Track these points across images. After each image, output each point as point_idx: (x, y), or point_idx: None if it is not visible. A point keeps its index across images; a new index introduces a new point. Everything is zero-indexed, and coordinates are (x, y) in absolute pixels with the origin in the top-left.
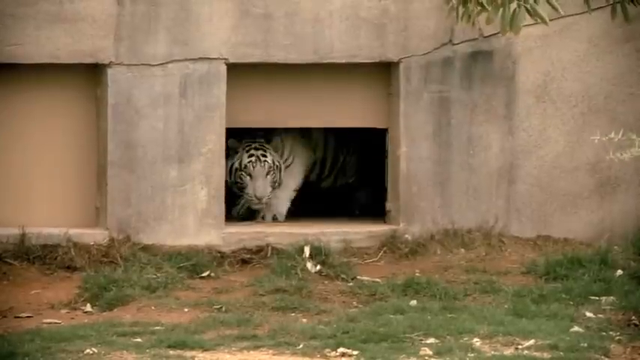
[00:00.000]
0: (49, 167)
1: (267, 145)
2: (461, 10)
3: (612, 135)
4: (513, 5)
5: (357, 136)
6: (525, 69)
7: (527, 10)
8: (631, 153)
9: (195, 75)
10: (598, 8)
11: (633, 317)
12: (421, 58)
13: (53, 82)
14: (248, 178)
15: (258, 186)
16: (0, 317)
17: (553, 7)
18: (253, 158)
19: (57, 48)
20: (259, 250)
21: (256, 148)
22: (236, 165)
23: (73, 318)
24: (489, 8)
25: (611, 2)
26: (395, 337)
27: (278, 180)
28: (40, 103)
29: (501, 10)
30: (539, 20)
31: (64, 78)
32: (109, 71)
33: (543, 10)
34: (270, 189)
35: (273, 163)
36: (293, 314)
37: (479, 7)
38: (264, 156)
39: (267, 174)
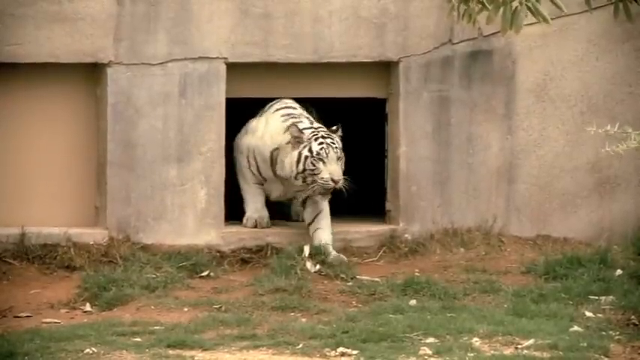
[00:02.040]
0: (49, 167)
1: (332, 133)
2: (462, 8)
3: (608, 128)
4: (515, 4)
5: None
6: (525, 68)
7: (529, 9)
8: (627, 145)
9: (195, 74)
10: (598, 7)
11: (633, 317)
12: (421, 58)
13: (53, 82)
14: (321, 163)
15: (334, 169)
16: (0, 317)
17: (557, 6)
18: (325, 145)
19: (56, 47)
20: (259, 249)
21: (324, 137)
22: (305, 153)
23: (72, 317)
24: (490, 7)
25: (613, 1)
26: (394, 336)
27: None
28: (40, 102)
29: (502, 8)
30: (539, 19)
31: (63, 77)
32: (109, 71)
33: (544, 8)
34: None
35: (341, 150)
36: (292, 314)
37: (479, 6)
38: (334, 142)
39: (338, 159)
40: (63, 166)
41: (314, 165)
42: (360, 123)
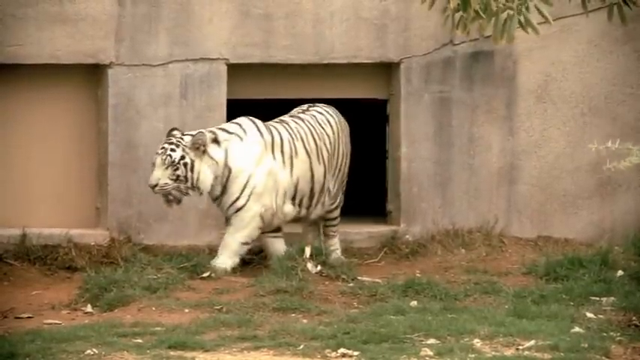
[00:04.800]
0: (50, 167)
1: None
2: (457, 17)
3: (609, 144)
4: (504, 15)
5: None
6: (526, 69)
7: (519, 22)
8: (629, 161)
9: (196, 75)
10: (597, 9)
11: (634, 318)
12: (422, 59)
13: (54, 83)
14: (152, 169)
15: (153, 175)
16: (1, 318)
17: (543, 17)
18: (158, 151)
19: (58, 49)
20: (260, 250)
21: (165, 144)
22: None
23: (73, 319)
24: (484, 16)
25: (607, 4)
26: (395, 337)
27: None
28: (41, 103)
29: (493, 19)
30: (528, 31)
31: (64, 78)
32: (110, 72)
33: (534, 16)
34: None
35: (171, 156)
36: (293, 315)
37: (474, 14)
38: (165, 149)
39: (166, 167)
40: (64, 167)
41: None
42: (361, 124)
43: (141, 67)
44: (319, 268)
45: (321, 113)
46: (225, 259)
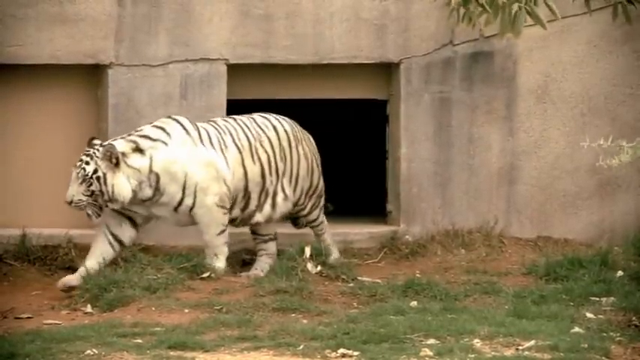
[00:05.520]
0: (50, 168)
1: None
2: (462, 11)
3: (602, 142)
4: (514, 7)
5: None
6: (526, 70)
7: (528, 12)
8: (619, 159)
9: (196, 76)
10: (598, 9)
11: (634, 318)
12: (422, 59)
13: (54, 83)
14: None
15: (68, 190)
16: (1, 318)
17: (551, 11)
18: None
19: (57, 49)
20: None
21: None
22: None
23: (73, 319)
24: (490, 10)
25: (612, 3)
26: (395, 337)
27: None
28: (41, 103)
29: (501, 12)
30: (537, 22)
31: (64, 79)
32: (110, 72)
33: (541, 12)
34: None
35: (85, 170)
36: (293, 315)
37: (479, 9)
38: (81, 163)
39: (80, 182)
40: (64, 168)
41: None
42: (361, 124)
43: (141, 67)
44: (319, 268)
45: (265, 117)
46: (219, 258)
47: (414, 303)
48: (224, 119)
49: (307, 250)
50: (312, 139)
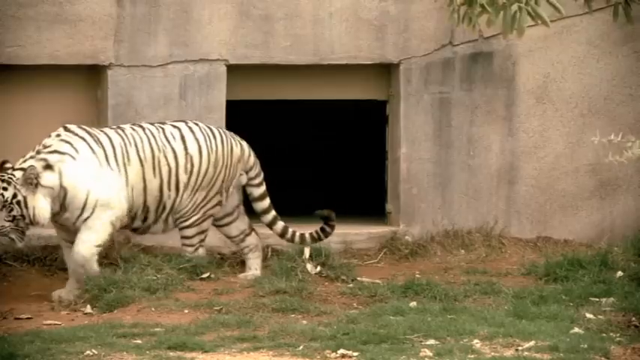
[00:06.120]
0: None
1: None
2: (462, 11)
3: (612, 137)
4: (514, 7)
5: None
6: (525, 70)
7: (529, 13)
8: (632, 153)
9: (196, 76)
10: (598, 9)
11: (633, 318)
12: (421, 60)
13: (53, 84)
14: None
15: None
16: (0, 318)
17: (555, 8)
18: None
19: (57, 49)
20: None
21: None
22: None
23: (73, 319)
24: (491, 10)
25: (612, 3)
26: (395, 338)
27: None
28: (41, 104)
29: (502, 12)
30: (539, 22)
31: (64, 79)
32: (109, 72)
33: (544, 11)
34: None
35: (3, 195)
36: (293, 315)
37: (480, 9)
38: None
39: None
40: None
41: None
42: (361, 125)
43: (140, 67)
44: (319, 268)
45: (175, 127)
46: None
47: (413, 303)
48: (132, 127)
49: (307, 251)
50: (237, 147)
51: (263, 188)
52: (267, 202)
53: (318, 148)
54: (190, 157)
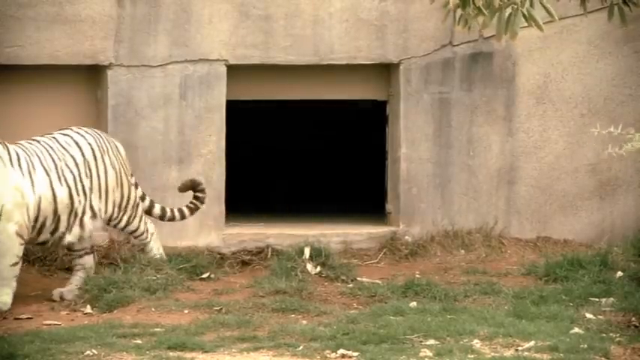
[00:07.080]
0: None
1: None
2: (458, 13)
3: (612, 129)
4: (509, 10)
5: None
6: (525, 70)
7: (523, 15)
8: (632, 145)
9: (195, 76)
10: (596, 10)
11: (633, 319)
12: (421, 60)
13: (53, 84)
14: None
15: None
16: (0, 318)
17: (548, 13)
18: None
19: (57, 49)
20: (259, 251)
21: None
22: None
23: (72, 319)
24: (486, 12)
25: (607, 5)
26: (395, 338)
27: None
28: (40, 104)
29: (497, 14)
30: (532, 25)
31: (64, 79)
32: (109, 72)
33: (539, 14)
34: None
35: None
36: (293, 316)
37: (476, 11)
38: None
39: None
40: None
41: None
42: (361, 125)
43: (140, 67)
44: (319, 269)
45: (66, 135)
46: (6, 291)
47: (413, 304)
48: (28, 141)
49: (307, 251)
50: (120, 148)
51: (133, 179)
52: (139, 190)
53: (318, 148)
54: (88, 162)
